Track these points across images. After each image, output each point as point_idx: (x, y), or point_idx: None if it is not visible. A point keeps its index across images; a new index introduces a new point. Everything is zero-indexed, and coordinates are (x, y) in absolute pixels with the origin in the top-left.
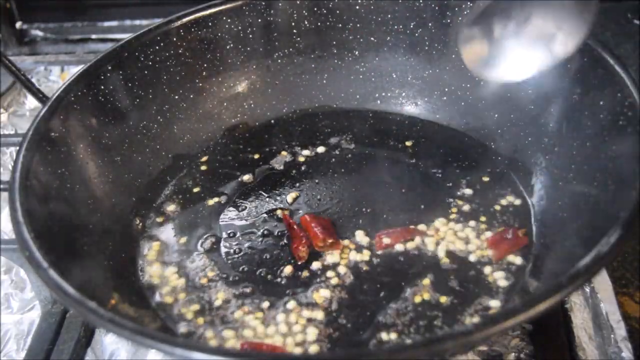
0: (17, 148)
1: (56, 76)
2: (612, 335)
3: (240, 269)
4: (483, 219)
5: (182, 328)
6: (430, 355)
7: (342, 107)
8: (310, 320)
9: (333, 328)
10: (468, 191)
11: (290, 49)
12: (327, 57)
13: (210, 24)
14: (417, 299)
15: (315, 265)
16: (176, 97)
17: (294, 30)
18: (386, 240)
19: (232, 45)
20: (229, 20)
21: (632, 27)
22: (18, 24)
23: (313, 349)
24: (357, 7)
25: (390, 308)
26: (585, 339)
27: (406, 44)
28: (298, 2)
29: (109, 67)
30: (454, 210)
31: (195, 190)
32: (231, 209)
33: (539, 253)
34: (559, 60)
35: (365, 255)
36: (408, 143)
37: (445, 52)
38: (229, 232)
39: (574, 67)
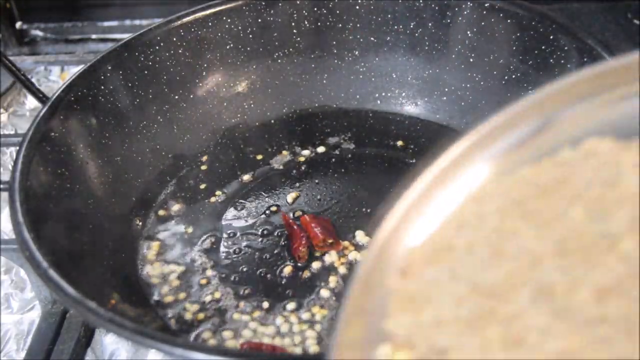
0: (17, 148)
1: (56, 76)
2: None
3: (240, 269)
4: None
5: (182, 328)
6: None
7: (342, 107)
8: (310, 321)
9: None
10: None
11: (290, 49)
12: (327, 57)
13: (210, 24)
14: None
15: (315, 265)
16: (176, 97)
17: (294, 30)
18: None
19: (232, 45)
20: (229, 20)
21: (632, 27)
22: (18, 24)
23: (313, 349)
24: (357, 7)
25: None
26: None
27: (406, 44)
28: (298, 2)
29: (109, 67)
30: None
31: (195, 190)
32: (231, 209)
33: None
34: None
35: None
36: (408, 143)
37: (445, 52)
38: (228, 232)
39: (574, 68)
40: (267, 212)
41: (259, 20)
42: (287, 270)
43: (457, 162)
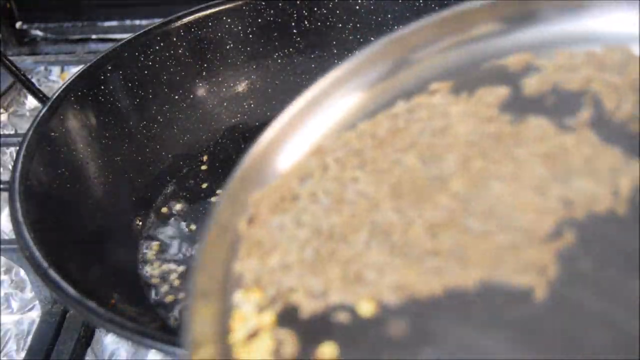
0: (17, 148)
1: (56, 76)
2: None
3: None
4: None
5: (182, 327)
6: None
7: None
8: None
9: None
10: None
11: (290, 49)
12: (327, 57)
13: (210, 24)
14: None
15: None
16: (176, 97)
17: (294, 30)
18: None
19: (232, 45)
20: (229, 20)
21: None
22: (18, 24)
23: None
24: (357, 7)
25: None
26: None
27: None
28: (298, 2)
29: (109, 67)
30: None
31: (196, 190)
32: None
33: None
34: None
35: None
36: None
37: None
38: None
39: None
40: None
41: (259, 20)
42: None
43: (301, 113)
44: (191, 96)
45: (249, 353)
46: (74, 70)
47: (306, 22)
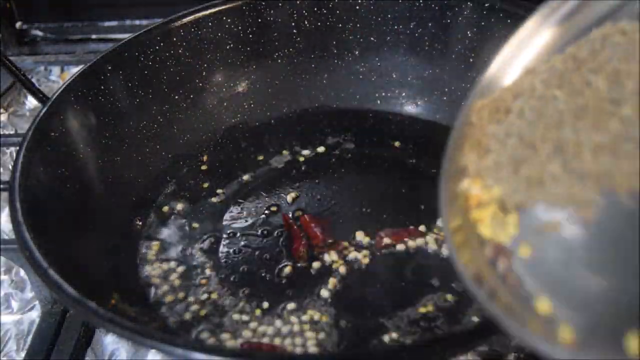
0: (17, 148)
1: (56, 76)
2: None
3: (240, 269)
4: None
5: (181, 328)
6: (430, 355)
7: (342, 107)
8: (310, 321)
9: (333, 328)
10: None
11: (290, 49)
12: (327, 57)
13: (210, 24)
14: (419, 299)
15: (315, 265)
16: (176, 97)
17: (294, 30)
18: (387, 240)
19: (232, 45)
20: (229, 20)
21: None
22: (18, 24)
23: (313, 349)
24: (357, 7)
25: (391, 308)
26: None
27: (406, 44)
28: (298, 2)
29: (109, 67)
30: None
31: (195, 190)
32: (231, 209)
33: None
34: None
35: (365, 255)
36: (408, 143)
37: (445, 52)
38: (228, 232)
39: None
40: (267, 212)
41: (259, 20)
42: (287, 270)
43: (525, 37)
44: (191, 96)
45: (481, 216)
46: (74, 70)
47: (306, 22)
